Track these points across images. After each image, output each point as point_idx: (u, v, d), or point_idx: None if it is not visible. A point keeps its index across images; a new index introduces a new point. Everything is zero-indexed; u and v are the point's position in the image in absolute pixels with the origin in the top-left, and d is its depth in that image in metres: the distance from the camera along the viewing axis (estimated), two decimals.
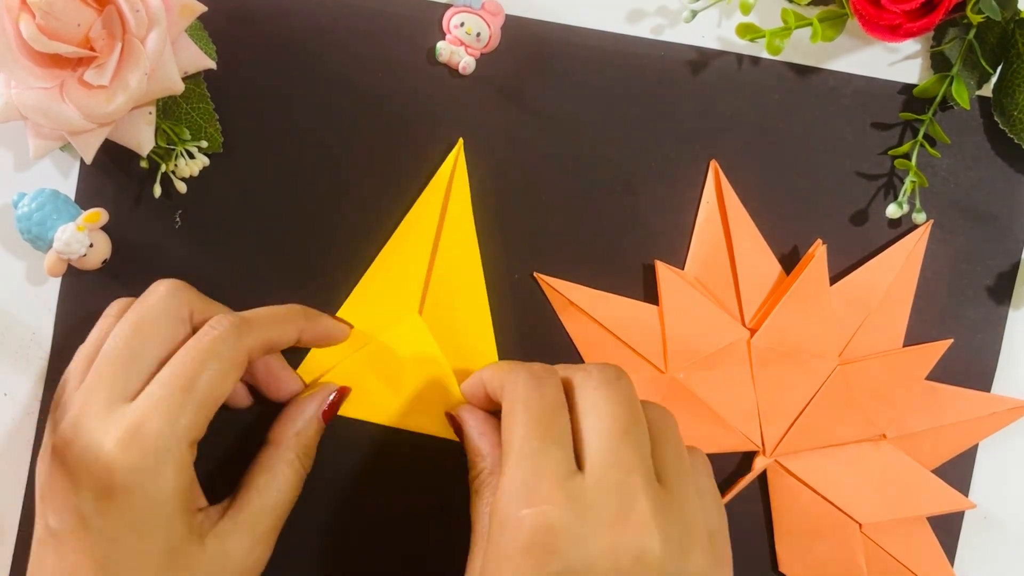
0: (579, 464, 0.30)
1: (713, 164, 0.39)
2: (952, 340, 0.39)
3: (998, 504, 0.40)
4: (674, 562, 0.28)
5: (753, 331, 0.39)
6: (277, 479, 0.34)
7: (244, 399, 0.37)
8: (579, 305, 0.39)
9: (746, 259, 0.39)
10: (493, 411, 0.36)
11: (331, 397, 0.36)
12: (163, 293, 0.33)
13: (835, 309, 0.39)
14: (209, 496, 0.34)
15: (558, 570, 0.28)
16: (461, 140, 0.38)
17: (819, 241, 0.39)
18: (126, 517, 0.30)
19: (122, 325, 0.33)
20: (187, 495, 0.31)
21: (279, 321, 0.35)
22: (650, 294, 0.39)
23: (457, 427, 0.36)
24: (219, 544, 0.32)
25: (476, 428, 0.35)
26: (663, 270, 0.39)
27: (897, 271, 0.39)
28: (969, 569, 0.40)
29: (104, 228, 0.37)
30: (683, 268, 0.39)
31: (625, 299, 0.39)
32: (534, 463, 0.29)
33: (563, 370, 0.33)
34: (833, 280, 0.39)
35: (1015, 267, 0.40)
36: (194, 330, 0.33)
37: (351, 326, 0.38)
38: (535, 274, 0.39)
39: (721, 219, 0.39)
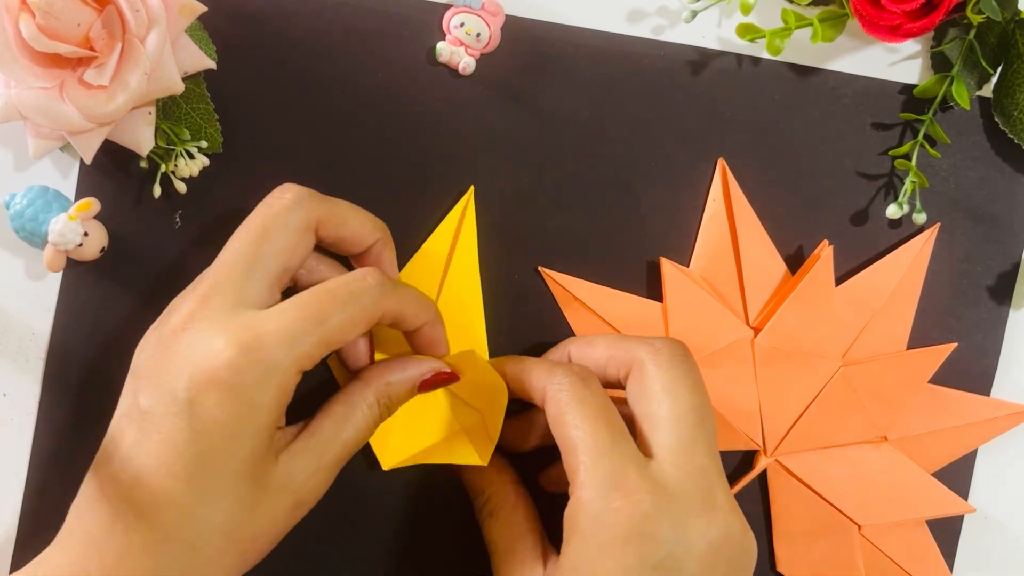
0: (645, 449, 0.31)
1: (720, 162, 0.39)
2: (956, 344, 0.39)
3: (998, 506, 0.40)
4: (749, 538, 0.31)
5: (757, 330, 0.39)
6: (355, 415, 0.33)
7: (365, 357, 0.37)
8: (583, 300, 0.39)
9: (751, 258, 0.39)
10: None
11: (438, 370, 0.35)
12: (289, 202, 0.33)
13: (840, 310, 0.39)
14: None
15: (660, 558, 0.29)
16: (472, 188, 0.38)
17: (825, 242, 0.39)
18: (220, 415, 0.29)
19: (247, 229, 0.32)
20: (280, 414, 0.31)
21: (419, 302, 0.34)
22: (653, 294, 0.39)
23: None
24: (288, 463, 0.31)
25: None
26: (668, 267, 0.39)
27: (903, 273, 0.39)
28: (969, 571, 0.40)
29: (105, 228, 0.37)
30: (685, 267, 0.39)
31: (629, 295, 0.39)
32: (614, 456, 0.30)
33: (623, 343, 0.34)
34: (835, 281, 0.39)
35: (1015, 267, 0.40)
36: (319, 239, 0.33)
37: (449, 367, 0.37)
38: (539, 268, 0.39)
39: (727, 217, 0.39)
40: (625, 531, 0.29)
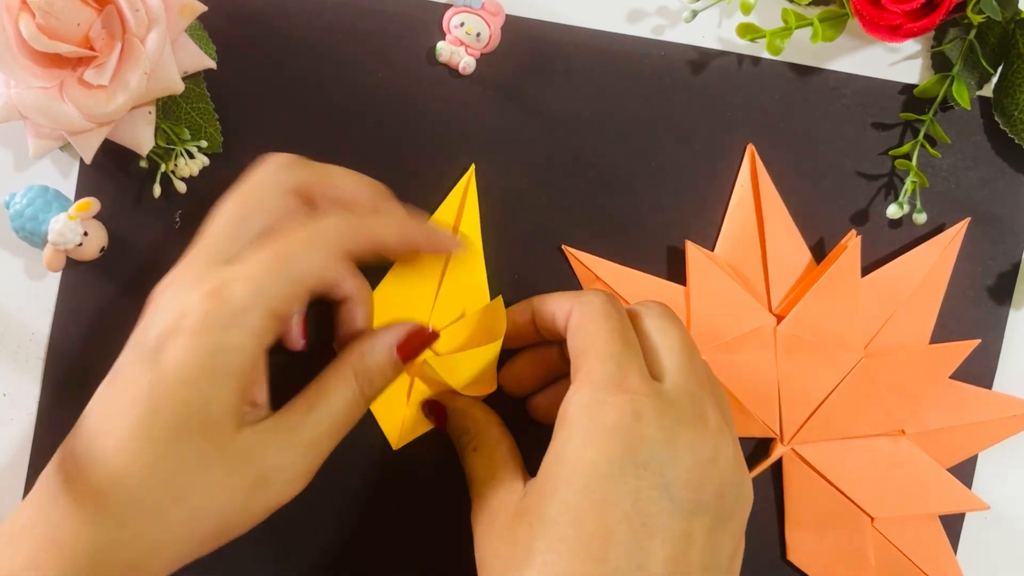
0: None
1: (750, 148, 0.39)
2: (979, 341, 0.39)
3: (999, 502, 0.40)
4: (741, 467, 0.31)
5: (780, 317, 0.39)
6: (328, 394, 0.32)
7: (297, 341, 0.36)
8: (605, 280, 0.39)
9: (777, 245, 0.39)
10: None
11: (411, 329, 0.34)
12: (271, 167, 0.33)
13: (864, 301, 0.38)
14: None
15: (645, 458, 0.29)
16: (473, 166, 0.38)
17: (852, 232, 0.39)
18: (180, 357, 0.29)
19: (230, 195, 0.33)
20: (248, 371, 0.30)
21: (401, 224, 0.34)
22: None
23: (438, 413, 0.37)
24: (253, 438, 0.30)
25: (463, 404, 0.37)
26: (692, 250, 0.38)
27: (929, 267, 0.39)
28: (969, 565, 0.40)
29: (105, 228, 0.37)
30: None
31: (652, 277, 0.39)
32: (620, 360, 0.31)
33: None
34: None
35: (1015, 267, 0.40)
36: (306, 202, 0.33)
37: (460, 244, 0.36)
38: (563, 246, 0.39)
39: (754, 204, 0.39)
40: (613, 422, 0.29)
